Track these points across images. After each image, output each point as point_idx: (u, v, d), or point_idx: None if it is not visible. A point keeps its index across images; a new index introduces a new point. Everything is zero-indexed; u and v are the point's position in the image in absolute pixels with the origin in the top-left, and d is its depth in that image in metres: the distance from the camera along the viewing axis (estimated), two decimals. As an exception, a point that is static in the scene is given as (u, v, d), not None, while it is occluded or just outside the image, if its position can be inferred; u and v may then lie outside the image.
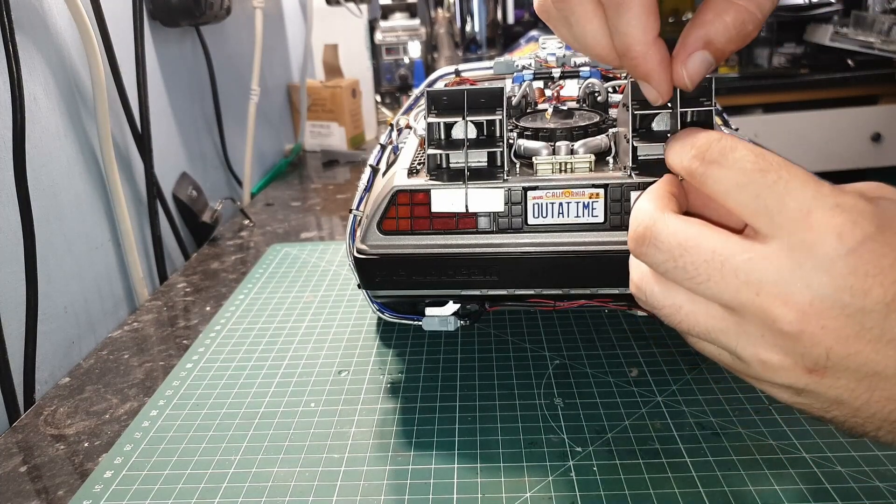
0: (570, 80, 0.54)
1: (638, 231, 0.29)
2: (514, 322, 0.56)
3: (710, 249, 0.27)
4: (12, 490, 0.41)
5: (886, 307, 0.25)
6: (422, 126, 0.46)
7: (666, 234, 0.28)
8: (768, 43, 1.82)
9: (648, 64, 0.32)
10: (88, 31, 0.63)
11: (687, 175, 0.29)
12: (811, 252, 0.25)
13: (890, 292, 0.25)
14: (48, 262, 0.59)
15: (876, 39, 1.62)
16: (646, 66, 0.32)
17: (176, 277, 0.71)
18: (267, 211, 0.92)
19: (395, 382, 0.49)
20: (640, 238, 0.29)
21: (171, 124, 0.84)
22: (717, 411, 0.43)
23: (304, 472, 0.40)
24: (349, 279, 0.66)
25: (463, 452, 0.41)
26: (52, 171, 0.61)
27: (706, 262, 0.27)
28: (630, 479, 0.38)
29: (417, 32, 1.47)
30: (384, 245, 0.42)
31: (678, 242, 0.28)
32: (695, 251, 0.27)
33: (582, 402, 0.45)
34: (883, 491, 0.36)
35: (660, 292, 0.29)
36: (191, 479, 0.40)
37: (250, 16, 1.03)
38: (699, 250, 0.27)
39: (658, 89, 0.33)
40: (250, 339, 0.56)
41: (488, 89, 0.41)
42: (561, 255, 0.40)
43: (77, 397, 0.50)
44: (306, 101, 1.19)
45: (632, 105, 0.38)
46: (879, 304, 0.25)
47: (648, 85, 0.33)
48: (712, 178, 0.28)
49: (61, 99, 0.62)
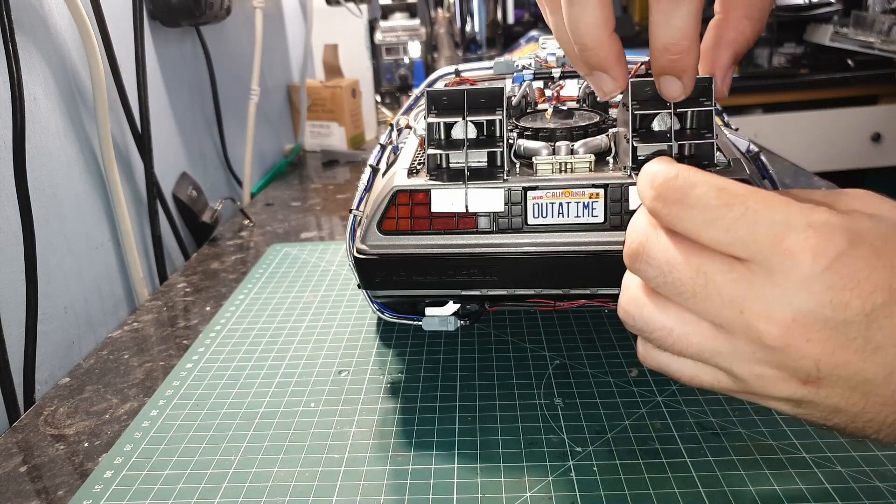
0: (570, 80, 0.54)
1: (632, 247, 0.30)
2: (514, 322, 0.56)
3: (695, 268, 0.28)
4: (12, 490, 0.41)
5: (867, 317, 0.25)
6: (422, 126, 0.46)
7: (656, 250, 0.29)
8: (768, 43, 1.82)
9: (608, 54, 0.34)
10: (88, 31, 0.63)
11: (653, 215, 0.29)
12: (789, 273, 0.26)
13: (868, 303, 0.25)
14: (48, 262, 0.59)
15: (876, 39, 1.62)
16: (605, 56, 0.34)
17: (176, 277, 0.71)
18: (267, 211, 0.92)
19: (395, 382, 0.49)
20: (634, 254, 0.30)
21: (171, 124, 0.84)
22: (717, 411, 0.43)
23: (304, 472, 0.40)
24: (349, 279, 0.66)
25: (463, 452, 0.41)
26: (52, 171, 0.61)
27: (691, 279, 0.28)
28: (630, 479, 0.38)
29: (417, 32, 1.46)
30: (384, 245, 0.42)
31: (666, 259, 0.28)
32: (682, 268, 0.28)
33: (582, 402, 0.45)
34: (883, 491, 0.36)
35: (652, 312, 0.30)
36: (191, 479, 0.40)
37: (250, 16, 1.03)
38: (685, 268, 0.28)
39: (616, 80, 0.35)
40: (250, 339, 0.56)
41: (488, 89, 0.41)
42: (561, 255, 0.40)
43: (77, 397, 0.50)
44: (306, 101, 1.19)
45: (632, 105, 0.38)
46: (859, 314, 0.25)
47: (606, 75, 0.35)
48: (678, 218, 0.28)
49: (61, 99, 0.62)
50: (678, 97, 0.35)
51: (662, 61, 0.33)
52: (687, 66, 0.33)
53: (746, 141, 0.45)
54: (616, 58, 0.35)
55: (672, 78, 0.34)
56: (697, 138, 0.39)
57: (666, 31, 0.32)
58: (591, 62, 0.35)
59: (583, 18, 0.33)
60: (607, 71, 0.35)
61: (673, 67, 0.33)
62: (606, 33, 0.33)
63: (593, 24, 0.33)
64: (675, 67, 0.33)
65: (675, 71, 0.33)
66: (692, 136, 0.39)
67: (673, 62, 0.33)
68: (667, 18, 0.32)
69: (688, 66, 0.33)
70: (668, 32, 0.32)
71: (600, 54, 0.34)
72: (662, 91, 0.35)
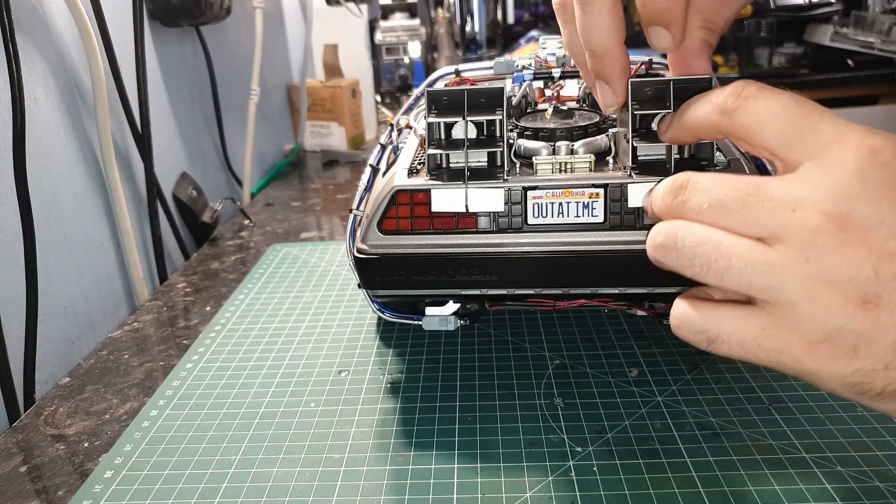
0: (570, 80, 0.54)
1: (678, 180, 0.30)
2: (514, 322, 0.56)
3: (745, 180, 0.28)
4: (12, 490, 0.41)
5: None
6: (422, 126, 0.46)
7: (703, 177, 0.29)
8: (768, 43, 1.82)
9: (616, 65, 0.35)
10: (88, 31, 0.63)
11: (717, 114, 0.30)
12: (845, 167, 0.26)
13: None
14: (48, 262, 0.59)
15: (876, 39, 1.62)
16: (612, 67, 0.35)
17: (176, 277, 0.71)
18: (267, 211, 0.92)
19: (395, 382, 0.49)
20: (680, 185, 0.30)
21: (171, 124, 0.84)
22: (717, 411, 0.43)
23: (304, 472, 0.40)
24: (349, 279, 0.66)
25: (463, 452, 0.41)
26: (52, 171, 0.61)
27: (741, 189, 0.28)
28: (630, 479, 0.38)
29: (417, 32, 1.46)
30: (384, 245, 0.42)
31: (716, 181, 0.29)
32: (730, 182, 0.28)
33: (582, 402, 0.45)
34: (883, 491, 0.36)
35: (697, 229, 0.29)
36: (191, 479, 0.40)
37: (250, 16, 1.03)
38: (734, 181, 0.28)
39: (616, 94, 0.36)
40: (250, 339, 0.56)
41: (488, 89, 0.41)
42: (561, 255, 0.40)
43: (77, 397, 0.50)
44: (306, 101, 1.19)
45: (632, 105, 0.38)
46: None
47: (608, 88, 0.36)
48: (746, 111, 0.29)
49: (61, 99, 0.62)
50: (669, 47, 0.35)
51: (650, 11, 0.34)
52: (674, 15, 0.34)
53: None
54: (620, 70, 0.36)
55: (660, 28, 0.34)
56: None
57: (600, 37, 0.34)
58: (596, 70, 0.36)
59: (595, 26, 0.34)
60: (610, 82, 0.36)
61: (661, 17, 0.34)
62: (616, 43, 0.34)
63: (605, 33, 0.34)
64: (663, 17, 0.34)
65: (663, 21, 0.34)
66: None
67: (660, 12, 0.34)
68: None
69: (675, 16, 0.34)
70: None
71: (606, 62, 0.35)
72: (652, 42, 0.36)
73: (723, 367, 0.48)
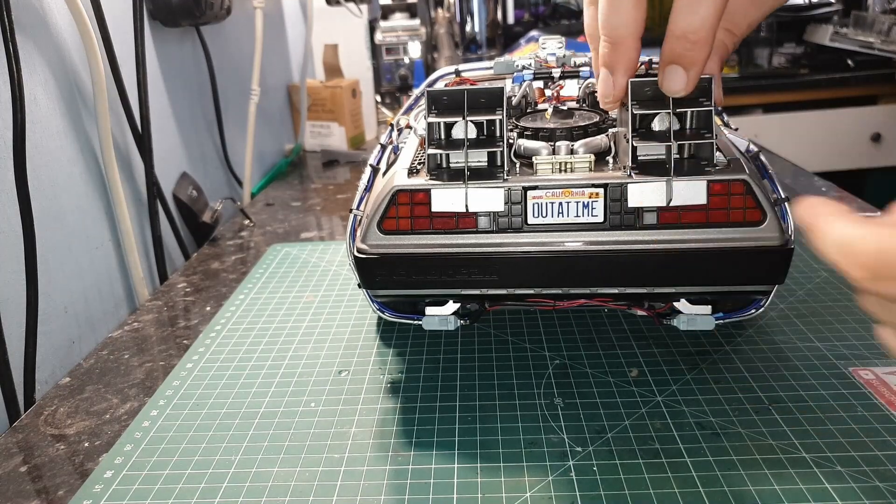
0: (570, 80, 0.54)
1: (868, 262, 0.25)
2: (514, 322, 0.56)
3: None
4: (12, 490, 0.41)
5: None
6: (422, 126, 0.46)
7: None
8: (768, 43, 1.82)
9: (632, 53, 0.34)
10: (88, 31, 0.63)
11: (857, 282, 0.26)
12: None
13: None
14: (48, 262, 0.59)
15: (876, 39, 1.62)
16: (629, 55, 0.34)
17: (176, 277, 0.71)
18: (267, 211, 0.92)
19: (395, 382, 0.49)
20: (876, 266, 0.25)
21: (171, 124, 0.84)
22: (717, 411, 0.43)
23: (304, 472, 0.41)
24: (349, 279, 0.66)
25: (463, 452, 0.41)
26: (52, 171, 0.61)
27: None
28: (630, 479, 0.38)
29: (417, 32, 1.46)
30: (384, 245, 0.42)
31: None
32: None
33: (582, 402, 0.45)
34: (883, 491, 0.36)
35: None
36: (191, 479, 0.40)
37: (250, 16, 1.03)
38: None
39: (616, 86, 0.36)
40: (250, 339, 0.56)
41: (488, 89, 0.41)
42: (561, 255, 0.40)
43: (77, 397, 0.50)
44: (306, 101, 1.19)
45: (632, 105, 0.38)
46: None
47: (611, 78, 0.35)
48: None
49: (61, 99, 0.62)
50: (679, 92, 0.35)
51: (677, 48, 0.33)
52: (697, 58, 0.33)
53: (746, 141, 0.45)
54: (628, 64, 0.35)
55: (678, 69, 0.34)
56: (697, 138, 0.39)
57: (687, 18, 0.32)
58: (606, 57, 0.35)
59: (617, 13, 0.33)
60: (615, 73, 0.35)
61: (684, 57, 0.33)
62: (633, 34, 0.34)
63: (625, 22, 0.34)
64: (686, 58, 0.33)
65: (685, 61, 0.33)
66: (692, 136, 0.39)
67: (686, 51, 0.33)
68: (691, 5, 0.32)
69: (698, 60, 0.33)
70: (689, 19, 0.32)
71: (619, 51, 0.34)
72: (664, 83, 0.35)
73: (723, 367, 0.48)
